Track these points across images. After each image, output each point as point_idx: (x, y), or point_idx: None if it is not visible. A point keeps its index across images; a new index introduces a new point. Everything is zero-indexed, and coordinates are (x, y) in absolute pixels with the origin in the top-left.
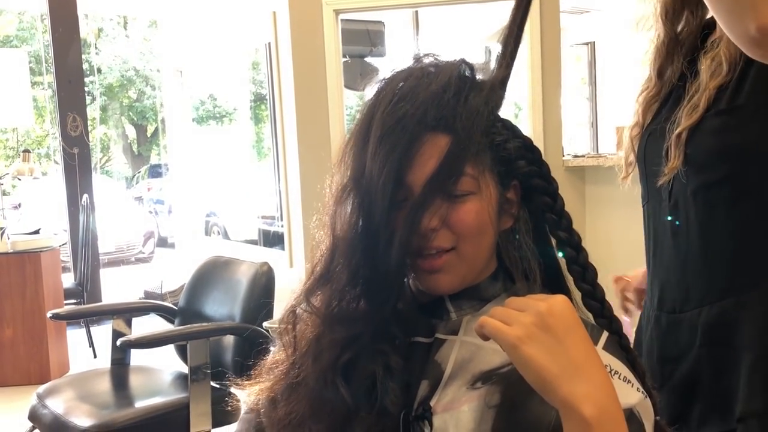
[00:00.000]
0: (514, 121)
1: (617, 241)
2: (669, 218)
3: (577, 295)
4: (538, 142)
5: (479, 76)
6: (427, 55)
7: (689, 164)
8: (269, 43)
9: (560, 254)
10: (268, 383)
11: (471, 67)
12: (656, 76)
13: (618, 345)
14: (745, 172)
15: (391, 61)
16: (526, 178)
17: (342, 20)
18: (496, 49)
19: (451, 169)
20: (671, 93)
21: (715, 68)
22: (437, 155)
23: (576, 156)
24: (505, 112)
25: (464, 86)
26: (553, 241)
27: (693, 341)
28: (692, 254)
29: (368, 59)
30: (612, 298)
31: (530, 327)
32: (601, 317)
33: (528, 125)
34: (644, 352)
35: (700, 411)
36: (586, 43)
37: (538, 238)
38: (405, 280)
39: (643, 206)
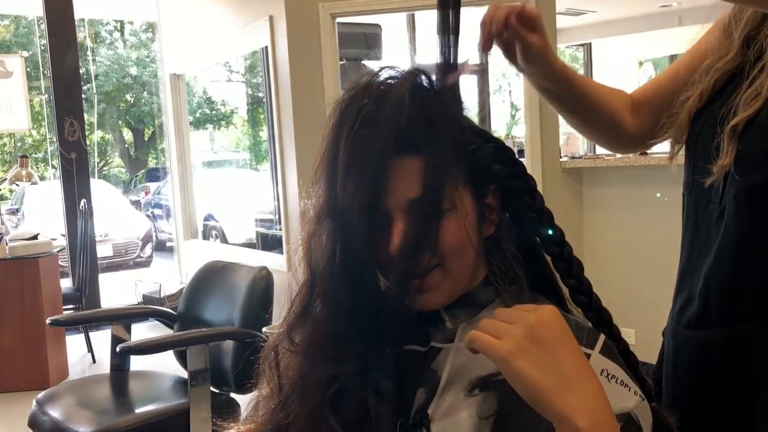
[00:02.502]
0: (511, 123)
1: (614, 242)
2: (714, 224)
3: (566, 292)
4: (535, 144)
5: (436, 82)
6: (385, 68)
7: (739, 162)
8: (266, 47)
9: (550, 231)
10: (255, 425)
11: (427, 74)
12: (741, 45)
13: (613, 344)
14: None
15: (388, 63)
16: (503, 181)
17: (338, 23)
18: (493, 49)
19: (429, 190)
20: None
21: None
22: (409, 178)
23: (573, 157)
24: (502, 113)
25: (416, 104)
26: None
27: (707, 365)
28: (721, 265)
29: (365, 62)
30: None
31: (520, 340)
32: (591, 310)
33: (525, 127)
34: (663, 364)
35: None
36: (582, 45)
37: (522, 239)
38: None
39: (684, 196)
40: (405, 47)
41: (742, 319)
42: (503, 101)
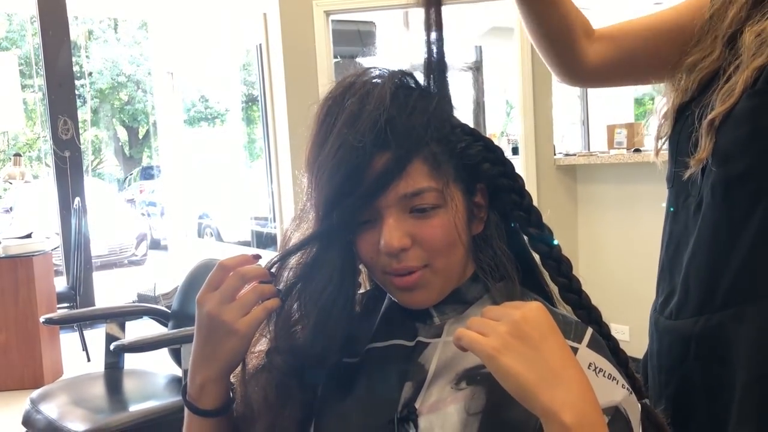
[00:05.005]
0: (505, 120)
1: (609, 239)
2: (692, 216)
3: (555, 290)
4: (530, 141)
5: (423, 83)
6: (371, 68)
7: (715, 155)
8: (260, 45)
9: (554, 243)
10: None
11: (411, 75)
12: (724, 44)
13: (600, 336)
14: None
15: (382, 60)
16: (492, 180)
17: (333, 21)
18: (487, 47)
19: (420, 186)
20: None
21: (759, 45)
22: (399, 175)
23: (567, 155)
24: (497, 110)
25: (400, 103)
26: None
27: (685, 353)
28: (698, 256)
29: (359, 59)
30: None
31: (506, 336)
32: (580, 308)
33: (519, 124)
34: (648, 355)
35: (695, 431)
36: None
37: (512, 238)
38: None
39: (669, 189)
40: (400, 44)
41: (717, 308)
42: (498, 98)
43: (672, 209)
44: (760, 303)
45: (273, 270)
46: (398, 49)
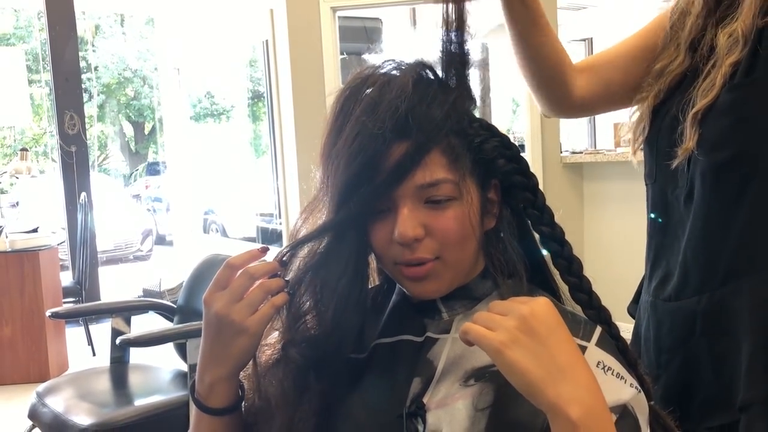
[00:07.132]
0: (511, 117)
1: (616, 236)
2: (683, 205)
3: (564, 288)
4: (536, 139)
5: (441, 75)
6: (389, 60)
7: (702, 145)
8: (267, 41)
9: (545, 252)
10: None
11: (431, 68)
12: (687, 49)
13: (610, 337)
14: (758, 150)
15: (389, 57)
16: (506, 176)
17: (339, 17)
18: (493, 44)
19: (438, 177)
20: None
21: (731, 44)
22: (417, 164)
23: (574, 152)
24: (503, 108)
25: (421, 92)
26: (537, 236)
27: (691, 331)
28: (695, 240)
29: (366, 56)
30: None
31: (513, 331)
32: (590, 308)
33: (526, 121)
34: (642, 340)
35: (700, 403)
36: (584, 40)
37: (522, 235)
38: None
39: (648, 185)
40: (406, 41)
41: (718, 285)
42: (504, 96)
43: (655, 206)
44: (758, 276)
45: (285, 259)
46: (405, 46)
